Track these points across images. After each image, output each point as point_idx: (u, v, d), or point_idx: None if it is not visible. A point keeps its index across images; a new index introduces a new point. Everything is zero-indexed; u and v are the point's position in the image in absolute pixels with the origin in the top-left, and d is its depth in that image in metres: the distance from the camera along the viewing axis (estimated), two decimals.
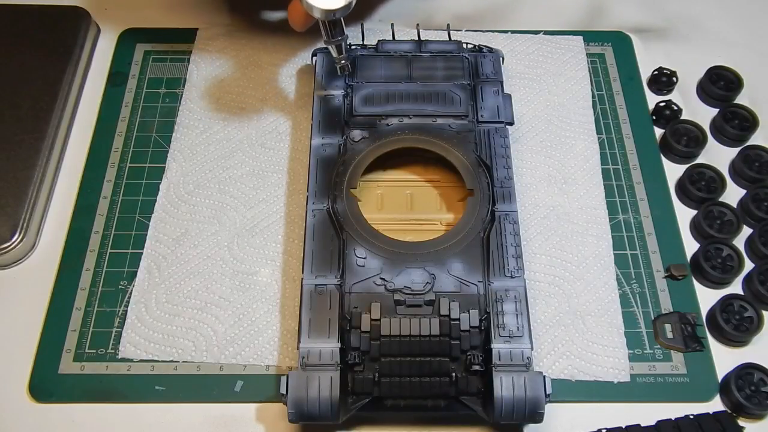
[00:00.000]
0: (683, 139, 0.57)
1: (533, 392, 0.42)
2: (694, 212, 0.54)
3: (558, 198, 0.54)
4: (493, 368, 0.42)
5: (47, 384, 0.47)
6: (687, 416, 0.45)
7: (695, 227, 0.53)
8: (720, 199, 0.54)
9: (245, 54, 0.61)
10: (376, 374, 0.43)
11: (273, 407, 0.46)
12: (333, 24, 0.48)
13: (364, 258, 0.46)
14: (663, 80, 0.60)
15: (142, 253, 0.51)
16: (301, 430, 0.45)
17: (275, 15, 0.64)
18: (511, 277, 0.45)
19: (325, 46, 0.56)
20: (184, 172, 0.54)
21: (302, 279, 0.45)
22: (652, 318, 0.50)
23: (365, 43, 0.56)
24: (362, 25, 0.57)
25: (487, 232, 0.47)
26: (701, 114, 0.59)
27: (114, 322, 0.49)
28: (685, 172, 0.55)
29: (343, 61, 0.51)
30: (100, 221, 0.53)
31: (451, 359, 0.43)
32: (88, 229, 0.53)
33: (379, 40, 0.56)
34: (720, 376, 0.47)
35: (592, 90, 0.60)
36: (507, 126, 0.52)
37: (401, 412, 0.44)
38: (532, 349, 0.43)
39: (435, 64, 0.54)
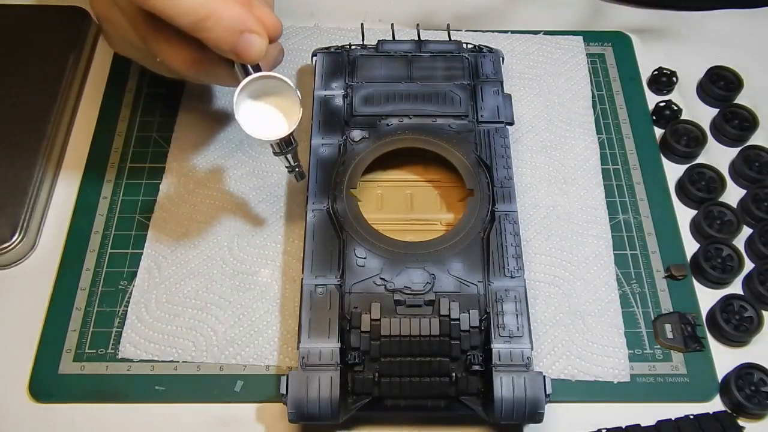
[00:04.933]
0: (683, 139, 0.57)
1: (533, 392, 0.42)
2: (694, 212, 0.54)
3: (558, 198, 0.54)
4: (493, 368, 0.42)
5: (47, 384, 0.47)
6: (687, 416, 0.45)
7: (695, 227, 0.53)
8: (720, 199, 0.54)
9: None
10: (376, 374, 0.43)
11: (273, 407, 0.46)
12: (283, 140, 0.44)
13: (364, 258, 0.46)
14: (663, 80, 0.60)
15: (142, 253, 0.51)
16: (301, 430, 0.45)
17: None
18: (511, 277, 0.45)
19: (325, 46, 0.57)
20: (184, 172, 0.54)
21: (302, 279, 0.45)
22: (652, 318, 0.50)
23: (365, 43, 0.56)
24: (362, 25, 0.57)
25: (487, 232, 0.47)
26: (701, 114, 0.59)
27: (114, 322, 0.49)
28: (685, 172, 0.55)
29: (297, 169, 0.47)
30: (100, 221, 0.53)
31: (451, 359, 0.43)
32: (88, 229, 0.53)
33: (379, 40, 0.56)
34: (720, 376, 0.47)
35: (592, 90, 0.60)
36: (507, 126, 0.52)
37: (401, 412, 0.44)
38: (532, 349, 0.43)
39: (435, 64, 0.54)
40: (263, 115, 0.43)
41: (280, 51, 0.49)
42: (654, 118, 0.59)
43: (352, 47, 0.56)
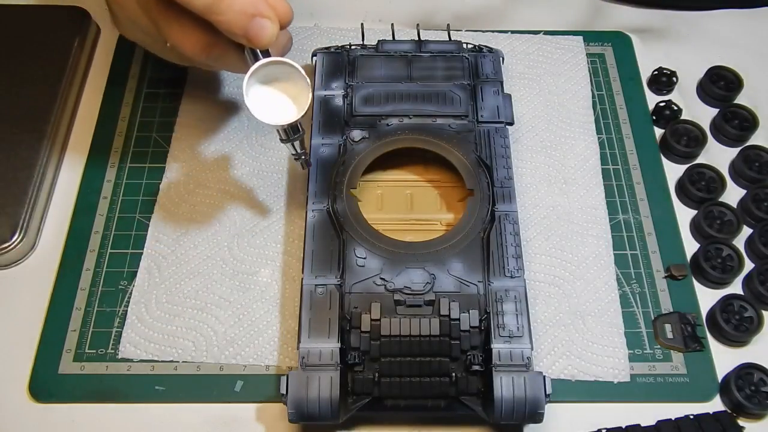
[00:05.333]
0: (683, 139, 0.57)
1: (533, 392, 0.42)
2: (694, 212, 0.54)
3: (558, 198, 0.54)
4: (493, 368, 0.42)
5: (47, 384, 0.47)
6: (687, 416, 0.45)
7: (695, 227, 0.53)
8: (720, 199, 0.54)
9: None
10: (376, 374, 0.43)
11: (273, 407, 0.46)
12: (291, 127, 0.44)
13: (364, 258, 0.46)
14: (663, 80, 0.60)
15: (142, 253, 0.51)
16: (301, 430, 0.45)
17: None
18: (511, 277, 0.45)
19: (325, 46, 0.57)
20: (184, 172, 0.54)
21: (302, 279, 0.45)
22: (652, 318, 0.50)
23: (365, 43, 0.56)
24: (362, 25, 0.57)
25: (487, 232, 0.47)
26: (701, 114, 0.59)
27: (114, 322, 0.49)
28: (685, 172, 0.55)
29: (303, 157, 0.47)
30: (100, 221, 0.53)
31: (451, 359, 0.43)
32: (88, 229, 0.53)
33: (379, 40, 0.56)
34: (720, 376, 0.47)
35: (592, 90, 0.60)
36: (507, 126, 0.52)
37: (401, 412, 0.44)
38: (532, 349, 0.43)
39: (435, 64, 0.54)
40: (272, 101, 0.43)
41: (289, 39, 0.49)
42: (654, 118, 0.59)
43: (352, 47, 0.56)
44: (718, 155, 0.57)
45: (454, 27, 0.60)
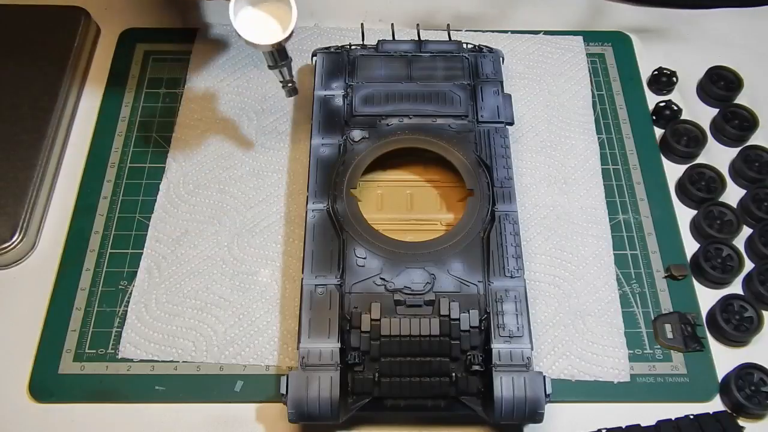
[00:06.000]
0: (683, 139, 0.57)
1: (533, 392, 0.42)
2: (694, 212, 0.54)
3: (558, 198, 0.54)
4: (493, 368, 0.42)
5: (47, 384, 0.47)
6: (687, 416, 0.45)
7: (695, 227, 0.53)
8: (720, 199, 0.54)
9: (245, 54, 0.60)
10: (376, 374, 0.43)
11: (273, 407, 0.46)
12: (277, 50, 0.46)
13: (364, 258, 0.46)
14: (663, 80, 0.60)
15: (142, 253, 0.51)
16: (301, 430, 0.45)
17: None
18: (511, 277, 0.45)
19: (325, 46, 0.57)
20: (184, 172, 0.54)
21: (302, 279, 0.45)
22: (652, 318, 0.50)
23: (365, 43, 0.56)
24: (362, 25, 0.57)
25: (487, 232, 0.47)
26: (701, 114, 0.59)
27: (114, 322, 0.49)
28: (685, 172, 0.55)
29: (290, 84, 0.49)
30: (100, 221, 0.53)
31: (451, 359, 0.43)
32: (88, 229, 0.53)
33: (379, 40, 0.56)
34: (720, 376, 0.48)
35: (592, 90, 0.60)
36: (507, 126, 0.52)
37: (401, 412, 0.44)
38: (532, 349, 0.43)
39: (435, 64, 0.54)
40: (259, 23, 0.45)
41: None
42: (654, 118, 0.59)
43: (352, 47, 0.56)
44: (718, 155, 0.57)
45: (454, 27, 0.60)
